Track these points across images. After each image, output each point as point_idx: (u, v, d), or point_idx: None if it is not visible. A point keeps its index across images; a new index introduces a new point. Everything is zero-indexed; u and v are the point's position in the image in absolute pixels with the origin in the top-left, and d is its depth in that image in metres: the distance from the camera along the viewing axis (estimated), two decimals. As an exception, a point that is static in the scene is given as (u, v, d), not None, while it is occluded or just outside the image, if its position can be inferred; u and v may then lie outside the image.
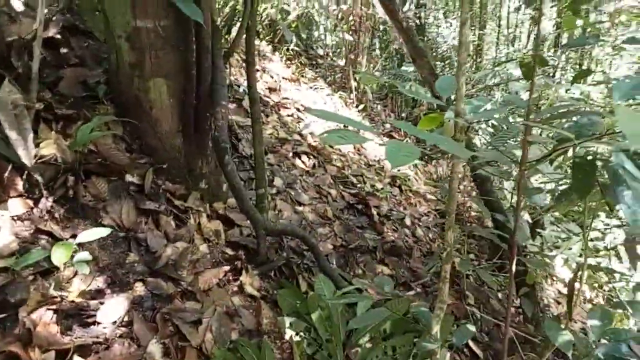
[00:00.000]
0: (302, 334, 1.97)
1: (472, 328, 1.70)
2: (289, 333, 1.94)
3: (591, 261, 3.71)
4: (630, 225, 0.96)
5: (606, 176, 1.20)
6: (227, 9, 3.80)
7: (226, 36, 3.30)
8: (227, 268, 1.96)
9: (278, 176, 3.02)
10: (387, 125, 6.31)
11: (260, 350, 1.76)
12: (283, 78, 4.82)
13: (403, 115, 7.05)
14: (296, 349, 1.88)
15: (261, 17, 5.02)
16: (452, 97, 1.76)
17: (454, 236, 1.69)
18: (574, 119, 1.18)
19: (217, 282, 1.88)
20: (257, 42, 5.37)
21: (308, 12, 5.36)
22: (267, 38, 5.14)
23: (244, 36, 2.48)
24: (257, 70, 4.66)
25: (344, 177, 3.81)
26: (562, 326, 1.73)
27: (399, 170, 4.68)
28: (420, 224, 3.98)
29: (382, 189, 4.06)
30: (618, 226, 3.78)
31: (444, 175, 5.56)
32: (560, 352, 2.65)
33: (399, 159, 0.85)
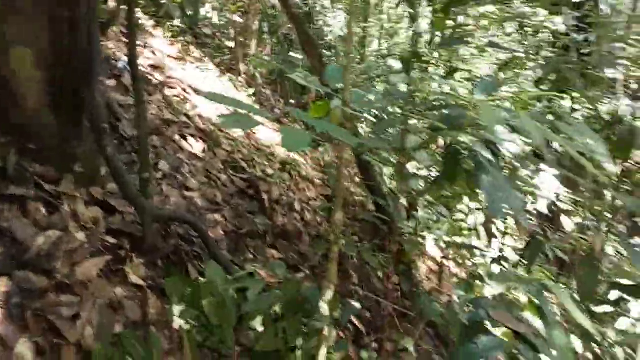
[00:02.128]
0: (192, 322, 1.93)
1: (357, 305, 1.82)
2: (178, 322, 1.88)
3: (457, 240, 4.18)
4: (489, 207, 1.11)
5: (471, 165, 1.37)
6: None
7: (103, 5, 3.01)
8: (108, 257, 1.82)
9: (164, 160, 2.87)
10: (277, 111, 6.34)
11: (147, 342, 1.68)
12: (167, 56, 4.56)
13: (292, 101, 7.12)
14: (186, 337, 1.83)
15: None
16: (339, 86, 1.84)
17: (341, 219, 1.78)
18: (446, 111, 1.32)
19: (97, 273, 1.74)
20: (138, 14, 4.98)
21: (195, -11, 5.12)
22: (149, 12, 4.80)
23: (124, 6, 2.29)
24: (139, 46, 4.34)
25: (234, 162, 3.76)
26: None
27: (289, 156, 4.75)
28: (309, 208, 4.10)
29: (272, 174, 4.09)
30: (479, 209, 4.29)
31: (331, 161, 5.77)
32: (433, 323, 2.96)
33: (294, 144, 0.88)
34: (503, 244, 3.74)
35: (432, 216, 4.48)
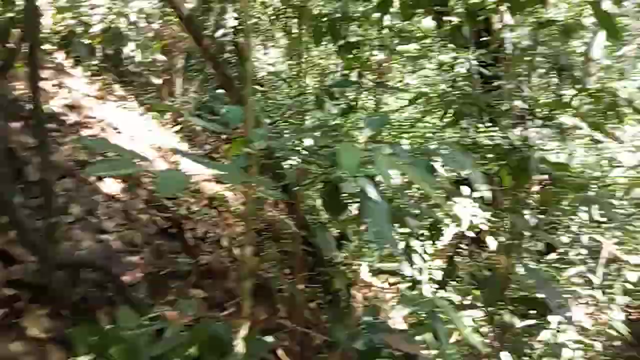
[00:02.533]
0: (100, 372, 1.84)
1: (270, 339, 1.83)
2: (83, 374, 1.79)
3: (387, 266, 4.30)
4: (375, 238, 1.19)
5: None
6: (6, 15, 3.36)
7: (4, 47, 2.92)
8: (2, 311, 1.72)
9: (76, 203, 2.77)
10: (207, 147, 6.32)
11: (46, 399, 1.59)
12: (86, 95, 4.44)
13: (224, 136, 7.12)
14: (92, 389, 1.74)
15: (51, 29, 4.56)
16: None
17: (252, 253, 1.80)
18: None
19: (-11, 328, 1.64)
20: (54, 54, 4.85)
21: (116, 27, 5.06)
22: (65, 50, 4.68)
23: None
24: (54, 86, 4.21)
25: (157, 201, 3.67)
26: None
27: (217, 192, 4.71)
28: (237, 244, 4.06)
29: (198, 211, 4.03)
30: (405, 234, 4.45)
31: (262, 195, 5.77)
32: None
33: (169, 186, 0.92)
34: (428, 267, 3.89)
35: (364, 244, 4.59)
